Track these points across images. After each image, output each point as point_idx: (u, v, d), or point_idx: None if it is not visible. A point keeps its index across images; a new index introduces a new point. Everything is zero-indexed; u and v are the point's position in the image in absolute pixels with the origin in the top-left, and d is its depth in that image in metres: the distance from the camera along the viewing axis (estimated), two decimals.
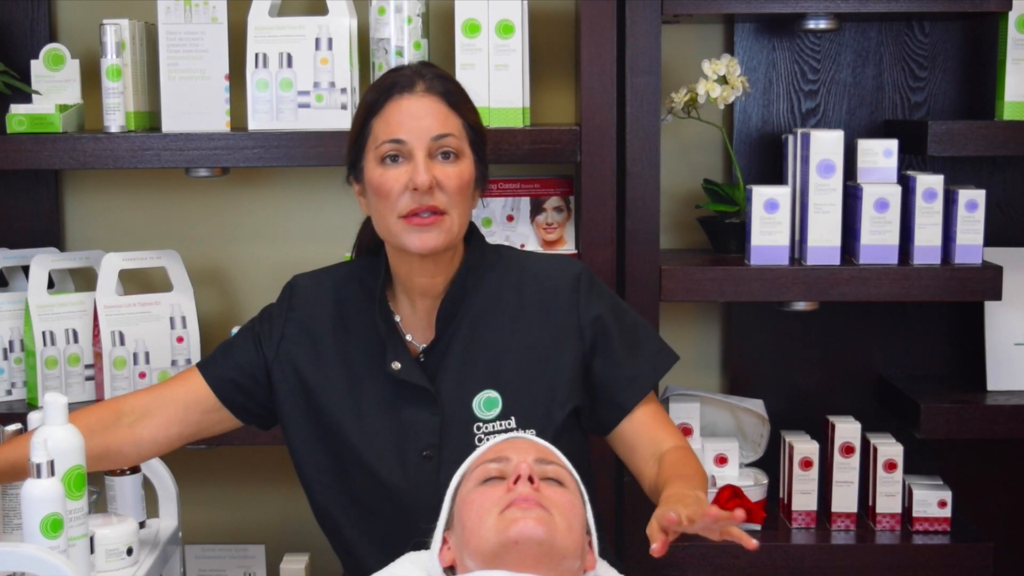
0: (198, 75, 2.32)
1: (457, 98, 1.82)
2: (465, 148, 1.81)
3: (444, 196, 1.77)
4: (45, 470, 1.68)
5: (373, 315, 1.86)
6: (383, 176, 1.78)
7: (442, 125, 1.78)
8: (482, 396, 1.82)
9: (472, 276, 1.86)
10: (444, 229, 1.78)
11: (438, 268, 1.83)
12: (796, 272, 2.29)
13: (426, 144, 1.77)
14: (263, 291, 2.64)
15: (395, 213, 1.78)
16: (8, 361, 2.41)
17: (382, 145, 1.78)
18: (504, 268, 1.89)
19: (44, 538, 1.66)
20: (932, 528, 2.38)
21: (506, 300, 1.87)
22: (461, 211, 1.80)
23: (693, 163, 2.62)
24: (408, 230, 1.77)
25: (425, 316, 1.86)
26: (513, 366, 1.83)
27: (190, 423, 1.90)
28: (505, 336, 1.85)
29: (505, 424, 1.81)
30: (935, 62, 2.56)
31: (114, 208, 2.63)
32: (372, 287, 1.88)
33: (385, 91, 1.81)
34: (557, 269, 1.89)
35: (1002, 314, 2.47)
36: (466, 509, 1.62)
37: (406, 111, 1.78)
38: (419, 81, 1.80)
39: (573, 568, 1.60)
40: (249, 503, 2.70)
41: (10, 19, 2.54)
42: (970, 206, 2.31)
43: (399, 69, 1.86)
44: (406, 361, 1.82)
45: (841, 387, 2.62)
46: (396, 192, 1.77)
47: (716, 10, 2.28)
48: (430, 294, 1.85)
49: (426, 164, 1.76)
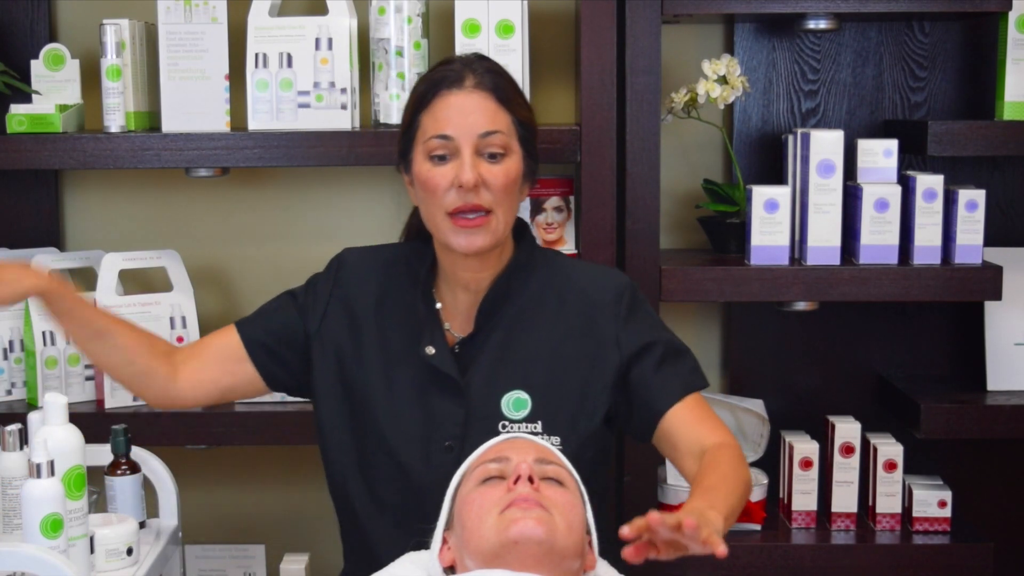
0: (198, 75, 2.32)
1: (507, 93, 1.81)
2: (513, 144, 1.80)
3: (490, 194, 1.77)
4: (45, 470, 1.68)
5: (415, 299, 1.86)
6: (430, 172, 1.78)
7: (490, 122, 1.78)
8: (512, 395, 1.83)
9: (517, 276, 1.87)
10: (490, 230, 1.78)
11: (484, 264, 1.84)
12: (796, 272, 2.29)
13: (473, 141, 1.77)
14: (263, 291, 2.64)
15: (442, 210, 1.78)
16: (8, 361, 2.41)
17: (430, 140, 1.78)
18: (550, 272, 1.89)
19: (44, 538, 1.66)
20: (932, 528, 2.38)
21: (548, 304, 1.87)
22: (507, 209, 1.80)
23: (693, 163, 2.62)
24: (454, 230, 1.78)
25: (467, 309, 1.87)
26: (547, 370, 1.83)
27: (225, 371, 1.92)
28: (543, 340, 1.85)
29: (531, 427, 1.81)
30: (935, 62, 2.56)
31: (114, 208, 2.63)
32: (417, 271, 1.89)
33: (434, 85, 1.80)
34: (603, 281, 1.89)
35: (1002, 314, 2.47)
36: (466, 509, 1.62)
37: (454, 107, 1.78)
38: (468, 75, 1.79)
39: (573, 568, 1.60)
40: (249, 503, 2.70)
41: (10, 19, 2.54)
42: (970, 206, 2.31)
43: (450, 61, 1.85)
44: (441, 348, 1.83)
45: (841, 387, 2.62)
46: (443, 188, 1.77)
47: (716, 10, 2.28)
48: (474, 288, 1.86)
49: (472, 162, 1.76)
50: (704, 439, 1.79)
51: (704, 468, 1.73)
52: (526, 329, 1.85)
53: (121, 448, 1.99)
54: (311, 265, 2.61)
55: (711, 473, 1.71)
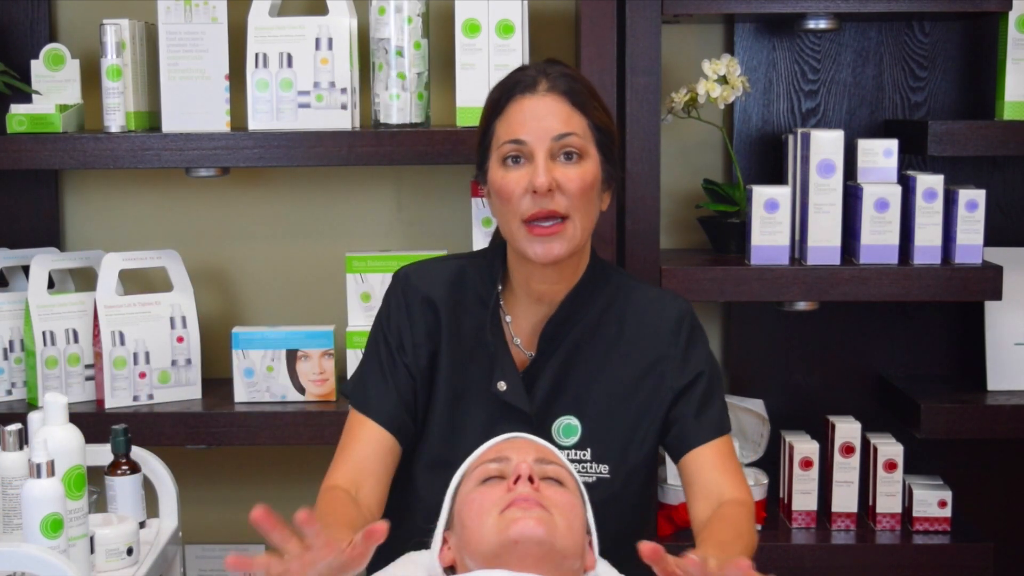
0: (198, 75, 2.32)
1: (582, 97, 1.77)
2: (590, 148, 1.76)
3: (565, 199, 1.72)
4: (45, 470, 1.68)
5: (483, 320, 1.81)
6: (504, 178, 1.74)
7: (564, 124, 1.74)
8: (563, 421, 1.80)
9: (582, 295, 1.82)
10: (567, 237, 1.73)
11: (561, 275, 1.80)
12: (796, 272, 2.29)
13: (547, 144, 1.72)
14: (263, 291, 2.65)
15: (517, 217, 1.73)
16: (8, 361, 2.41)
17: (503, 145, 1.75)
18: (612, 294, 1.85)
19: (44, 538, 1.66)
20: (932, 528, 2.38)
21: (608, 329, 1.83)
22: (584, 215, 1.75)
23: (693, 163, 2.62)
24: (530, 239, 1.73)
25: (537, 322, 1.82)
26: (599, 398, 1.80)
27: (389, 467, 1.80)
28: (598, 366, 1.81)
29: (580, 455, 1.79)
30: (935, 62, 2.56)
31: (114, 208, 2.63)
32: (485, 293, 1.83)
33: (507, 91, 1.77)
34: (662, 306, 1.85)
35: (1002, 314, 2.47)
36: (466, 509, 1.62)
37: (528, 111, 1.74)
38: (542, 80, 1.76)
39: (573, 568, 1.60)
40: (249, 503, 2.68)
41: (10, 19, 2.54)
42: (970, 206, 2.31)
43: (524, 68, 1.81)
44: (512, 380, 1.79)
45: (841, 387, 2.62)
46: (517, 195, 1.73)
47: (716, 10, 2.28)
48: (548, 301, 1.81)
49: (546, 165, 1.72)
50: (724, 490, 1.77)
51: (719, 521, 1.71)
52: (584, 353, 1.81)
53: (121, 448, 1.99)
54: (311, 265, 2.63)
55: (727, 529, 1.69)
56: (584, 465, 1.78)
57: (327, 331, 2.38)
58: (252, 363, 2.37)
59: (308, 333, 2.37)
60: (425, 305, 1.83)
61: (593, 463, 1.79)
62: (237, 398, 2.38)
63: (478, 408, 1.80)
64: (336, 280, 2.52)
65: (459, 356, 1.82)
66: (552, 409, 1.80)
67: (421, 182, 2.61)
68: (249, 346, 2.37)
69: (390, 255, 2.39)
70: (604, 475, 1.78)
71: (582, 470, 1.78)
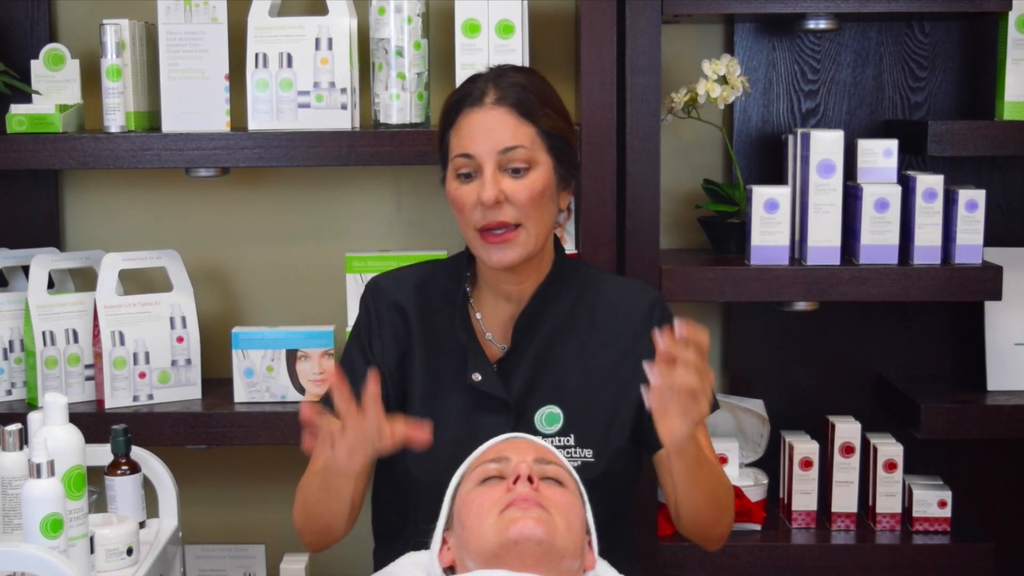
0: (198, 75, 2.32)
1: (530, 106, 1.80)
2: (539, 156, 1.80)
3: (514, 210, 1.78)
4: (45, 470, 1.68)
5: (453, 319, 1.87)
6: (457, 190, 1.81)
7: (511, 137, 1.78)
8: (544, 411, 1.84)
9: (551, 289, 1.88)
10: (519, 243, 1.80)
11: (524, 276, 1.86)
12: (796, 272, 2.29)
13: (495, 158, 1.78)
14: (263, 291, 2.65)
15: (470, 226, 1.80)
16: (8, 361, 2.41)
17: (455, 159, 1.81)
18: (581, 286, 1.91)
19: (44, 538, 1.66)
20: (932, 528, 2.38)
21: (580, 318, 1.88)
22: (537, 221, 1.80)
23: (693, 163, 2.62)
24: (484, 246, 1.80)
25: (508, 318, 1.88)
26: (578, 385, 1.85)
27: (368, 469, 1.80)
28: (574, 354, 1.86)
29: (564, 440, 1.83)
30: (935, 62, 2.56)
31: (114, 208, 2.63)
32: (451, 290, 1.90)
33: (458, 103, 1.83)
34: (632, 295, 1.91)
35: (1002, 314, 2.47)
36: (466, 509, 1.62)
37: (476, 124, 1.79)
38: (490, 91, 1.80)
39: (573, 568, 1.60)
40: (249, 503, 2.70)
41: (10, 19, 2.54)
42: (970, 206, 2.31)
43: (475, 78, 1.85)
44: (486, 371, 1.84)
45: (841, 387, 2.62)
46: (469, 206, 1.79)
47: (716, 10, 2.28)
48: (516, 298, 1.88)
49: (493, 179, 1.77)
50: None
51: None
52: (559, 344, 1.87)
53: (121, 448, 1.99)
54: (311, 265, 2.63)
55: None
56: (569, 450, 1.82)
57: (327, 331, 2.38)
58: (252, 363, 2.37)
59: (308, 333, 2.38)
60: (394, 311, 1.89)
61: (577, 448, 1.83)
62: (237, 398, 2.38)
63: (455, 400, 1.84)
64: (336, 280, 2.53)
65: (432, 355, 1.87)
66: (532, 399, 1.84)
67: (421, 182, 2.61)
68: (249, 346, 2.37)
69: (390, 255, 2.39)
70: (589, 459, 1.82)
71: (567, 455, 1.80)
